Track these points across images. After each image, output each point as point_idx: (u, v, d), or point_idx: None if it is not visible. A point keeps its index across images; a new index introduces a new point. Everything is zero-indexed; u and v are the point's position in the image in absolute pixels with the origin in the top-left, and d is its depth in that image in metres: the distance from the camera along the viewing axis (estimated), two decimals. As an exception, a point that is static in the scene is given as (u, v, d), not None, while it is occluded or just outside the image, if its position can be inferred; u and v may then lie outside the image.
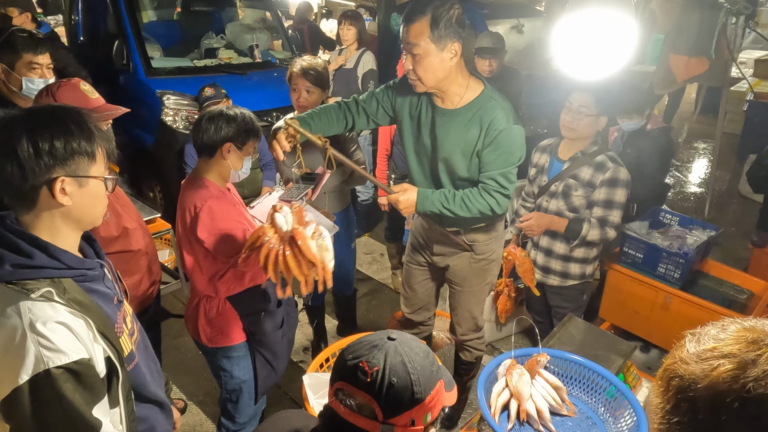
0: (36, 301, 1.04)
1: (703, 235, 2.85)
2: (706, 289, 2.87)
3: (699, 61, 3.19)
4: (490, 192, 1.96)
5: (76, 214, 1.14)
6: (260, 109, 4.19)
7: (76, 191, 1.11)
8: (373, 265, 4.28)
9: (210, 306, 2.02)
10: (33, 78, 2.27)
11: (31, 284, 1.06)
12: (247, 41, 5.01)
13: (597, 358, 1.83)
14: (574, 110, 2.34)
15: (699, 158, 6.82)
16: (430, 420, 0.93)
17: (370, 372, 0.88)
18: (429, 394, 0.91)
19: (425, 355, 0.95)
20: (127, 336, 1.27)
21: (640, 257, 2.80)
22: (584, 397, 1.73)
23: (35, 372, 1.00)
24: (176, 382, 2.95)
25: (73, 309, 1.08)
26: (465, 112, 1.95)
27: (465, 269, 2.30)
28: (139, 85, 4.27)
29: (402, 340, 0.94)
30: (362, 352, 0.92)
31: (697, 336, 0.71)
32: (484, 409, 1.54)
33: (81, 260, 1.16)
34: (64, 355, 1.03)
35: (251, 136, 1.98)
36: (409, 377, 0.89)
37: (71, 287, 1.11)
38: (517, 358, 1.73)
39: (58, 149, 1.07)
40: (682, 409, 0.66)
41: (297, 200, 2.28)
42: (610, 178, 2.34)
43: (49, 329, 1.03)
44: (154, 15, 5.28)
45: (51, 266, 1.09)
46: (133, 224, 2.13)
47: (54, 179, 1.07)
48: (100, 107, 1.99)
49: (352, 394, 0.89)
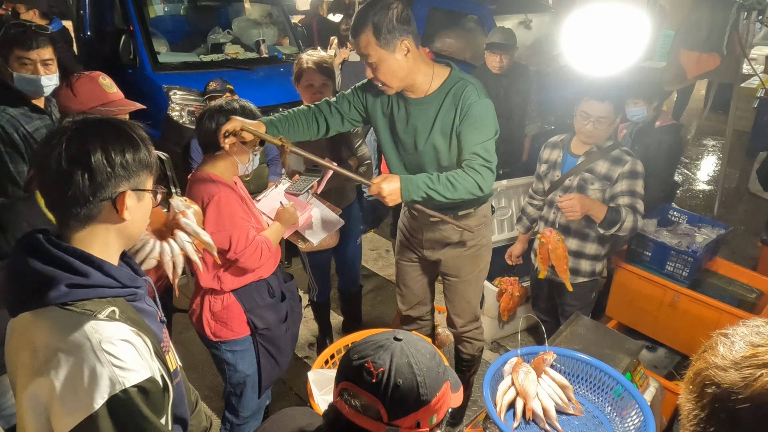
0: (100, 321, 1.00)
1: (712, 233, 2.82)
2: (714, 287, 2.84)
3: (710, 57, 3.15)
4: (474, 167, 1.90)
5: (129, 230, 1.09)
6: (266, 104, 4.18)
7: (135, 205, 1.07)
8: (379, 261, 4.28)
9: (214, 300, 2.02)
10: (23, 74, 2.25)
11: (91, 305, 1.01)
12: (253, 36, 5.00)
13: (604, 356, 1.81)
14: (594, 121, 2.33)
15: (708, 155, 6.76)
16: (435, 422, 0.91)
17: (375, 372, 0.87)
18: (435, 396, 0.90)
19: (432, 356, 0.93)
20: (172, 353, 1.24)
21: (648, 255, 2.78)
22: (591, 396, 1.72)
23: (111, 393, 0.96)
24: (182, 377, 2.96)
25: (132, 327, 1.04)
26: (437, 97, 1.97)
27: (458, 259, 2.28)
28: (145, 80, 4.28)
29: (408, 341, 0.93)
30: (368, 352, 0.90)
31: (729, 338, 0.67)
32: (490, 407, 1.53)
33: (133, 278, 1.11)
34: (136, 373, 0.99)
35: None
36: (415, 378, 0.88)
37: (124, 307, 1.07)
38: (523, 356, 1.72)
39: (129, 162, 1.03)
40: (720, 419, 0.63)
41: (303, 193, 2.28)
42: (630, 170, 2.34)
43: (118, 348, 0.99)
44: (161, 10, 5.28)
45: (106, 285, 1.04)
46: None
47: (121, 193, 1.03)
48: (117, 101, 1.99)
49: (357, 394, 0.88)
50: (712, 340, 0.69)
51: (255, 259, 1.94)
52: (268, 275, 2.09)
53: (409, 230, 2.37)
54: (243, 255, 1.91)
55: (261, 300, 2.07)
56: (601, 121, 2.32)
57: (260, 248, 1.96)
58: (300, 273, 3.27)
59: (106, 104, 1.95)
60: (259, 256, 1.95)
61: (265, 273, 2.07)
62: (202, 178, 1.94)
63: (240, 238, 1.90)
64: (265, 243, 1.98)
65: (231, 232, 1.89)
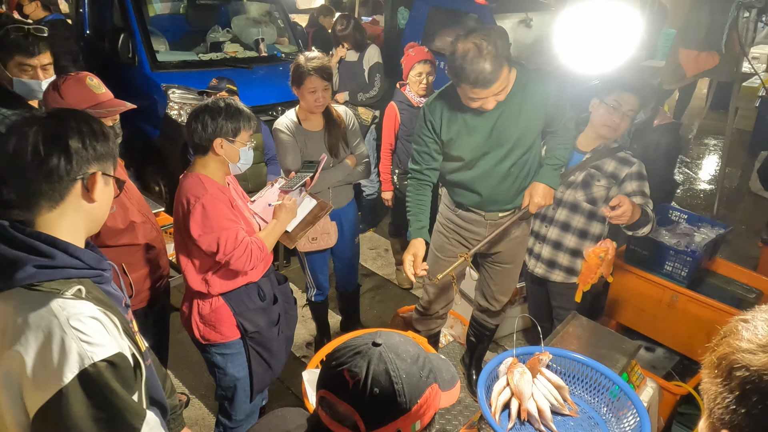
0: (67, 299, 1.03)
1: (711, 233, 2.81)
2: (714, 287, 2.83)
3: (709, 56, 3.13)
4: (570, 127, 2.25)
5: (97, 213, 1.16)
6: (265, 103, 4.19)
7: (102, 189, 1.13)
8: (378, 260, 4.27)
9: (203, 302, 2.00)
10: (23, 79, 2.24)
11: (57, 284, 1.05)
12: (252, 35, 4.99)
13: (600, 357, 1.80)
14: (623, 112, 2.31)
15: (709, 155, 6.74)
16: (419, 428, 0.88)
17: (351, 381, 0.84)
18: (416, 403, 0.86)
19: (414, 360, 0.89)
20: (139, 336, 1.27)
21: (647, 255, 2.77)
22: (587, 397, 1.70)
23: (81, 367, 0.99)
24: (179, 376, 2.96)
25: (99, 306, 1.08)
26: (513, 98, 2.05)
27: (516, 248, 2.43)
28: (144, 78, 4.28)
29: (389, 345, 0.88)
30: (345, 359, 0.87)
31: (750, 323, 0.70)
32: (485, 408, 1.53)
33: (100, 260, 1.16)
34: (104, 348, 1.03)
35: (242, 126, 1.91)
36: (393, 387, 0.84)
37: (91, 287, 1.11)
38: (518, 356, 1.71)
39: (98, 146, 1.11)
40: (751, 400, 0.65)
41: (295, 189, 2.27)
42: (638, 172, 2.34)
43: (86, 324, 1.02)
44: (160, 8, 5.27)
45: (72, 266, 1.08)
46: (141, 218, 2.11)
47: (93, 173, 1.10)
48: (106, 102, 1.95)
49: (334, 403, 0.85)
50: (731, 325, 0.72)
51: (245, 260, 1.91)
52: (258, 278, 2.06)
53: (464, 228, 2.36)
54: (232, 257, 1.88)
55: (251, 303, 2.04)
56: (628, 114, 2.33)
57: (250, 249, 1.91)
58: (298, 272, 3.26)
59: (95, 106, 1.91)
60: (248, 258, 1.91)
61: (254, 276, 2.04)
62: (190, 179, 1.91)
63: (228, 240, 1.87)
64: (255, 244, 1.94)
65: (218, 234, 1.86)
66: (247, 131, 1.94)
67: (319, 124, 2.69)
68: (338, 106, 2.80)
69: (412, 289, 3.89)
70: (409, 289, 3.89)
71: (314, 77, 2.51)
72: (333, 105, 2.74)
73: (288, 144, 2.63)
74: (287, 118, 2.67)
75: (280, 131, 2.64)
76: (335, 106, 2.76)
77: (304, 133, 2.66)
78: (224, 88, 3.26)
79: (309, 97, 2.56)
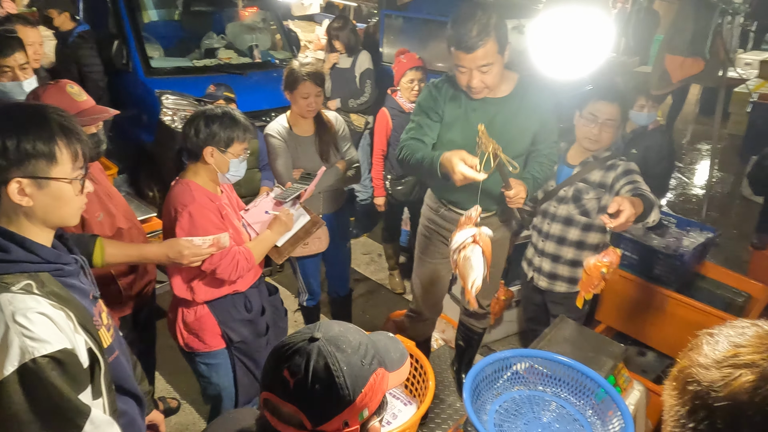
0: (16, 294, 1.05)
1: (700, 237, 2.83)
2: (703, 291, 2.85)
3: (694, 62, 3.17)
4: (554, 158, 2.28)
5: (40, 215, 1.13)
6: (259, 108, 4.20)
7: (35, 192, 1.10)
8: (371, 265, 4.28)
9: (187, 310, 1.99)
10: (4, 82, 2.24)
11: (9, 278, 1.07)
12: (246, 41, 5.02)
13: (587, 360, 1.81)
14: (601, 123, 2.25)
15: (702, 160, 6.78)
16: (367, 415, 0.87)
17: (292, 381, 0.83)
18: (360, 393, 0.85)
19: (354, 349, 0.87)
20: (104, 330, 1.28)
21: (636, 259, 2.78)
22: (573, 400, 1.71)
23: (21, 362, 1.01)
24: (170, 381, 2.95)
25: (52, 301, 1.09)
26: (512, 99, 2.12)
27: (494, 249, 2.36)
28: (138, 85, 4.29)
29: (327, 338, 0.86)
30: (284, 358, 0.86)
31: (714, 338, 0.69)
32: (470, 412, 1.53)
33: (58, 254, 1.17)
34: (48, 344, 1.04)
35: (236, 137, 1.88)
36: (334, 381, 0.83)
37: (48, 281, 1.12)
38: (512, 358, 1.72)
39: (10, 150, 1.05)
40: (699, 416, 0.64)
41: (288, 200, 2.26)
42: (624, 170, 2.26)
43: (31, 320, 1.04)
44: (154, 15, 5.29)
45: (28, 260, 1.10)
46: (127, 224, 2.12)
47: (9, 180, 1.07)
48: (88, 110, 1.92)
49: (277, 405, 0.85)
50: (698, 338, 0.71)
51: (231, 270, 1.88)
52: (245, 289, 2.03)
53: (445, 228, 2.35)
54: (219, 266, 1.86)
55: (237, 314, 2.01)
56: (608, 123, 2.24)
57: (236, 260, 1.89)
58: (290, 277, 3.27)
59: (76, 114, 1.86)
60: (235, 268, 1.89)
61: (241, 287, 2.02)
62: (179, 186, 1.91)
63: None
64: (242, 254, 1.92)
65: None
66: (241, 143, 1.90)
67: (309, 129, 2.70)
68: (329, 112, 2.82)
69: (404, 294, 3.90)
70: (401, 294, 3.90)
71: (308, 83, 2.53)
72: (323, 110, 2.76)
73: (279, 149, 2.65)
74: (278, 123, 2.69)
75: (271, 136, 2.65)
76: (326, 112, 2.78)
77: (294, 138, 2.67)
78: (222, 96, 3.25)
79: (301, 102, 2.57)
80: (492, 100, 2.11)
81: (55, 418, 1.06)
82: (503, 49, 1.99)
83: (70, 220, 1.19)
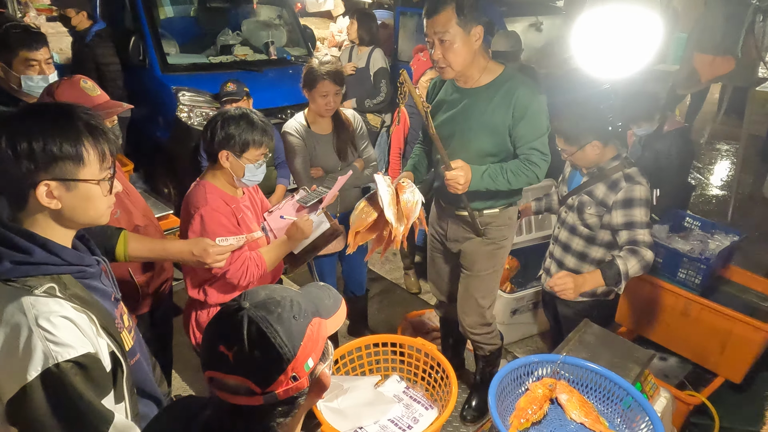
0: (39, 297, 1.04)
1: (725, 240, 2.77)
2: (728, 296, 2.78)
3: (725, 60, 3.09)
4: (534, 161, 2.08)
5: (69, 216, 1.12)
6: (275, 106, 4.19)
7: (64, 194, 1.08)
8: (386, 264, 4.25)
9: (200, 311, 1.98)
10: (31, 75, 2.22)
11: (32, 281, 1.05)
12: (262, 38, 5.00)
13: (613, 365, 1.77)
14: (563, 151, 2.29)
15: (722, 160, 6.66)
16: (313, 364, 0.90)
17: (230, 354, 0.84)
18: (300, 345, 0.87)
19: (285, 307, 0.88)
20: (126, 332, 1.27)
21: (660, 262, 2.72)
22: (600, 407, 1.67)
23: (45, 367, 1.00)
24: (185, 379, 2.95)
25: (75, 304, 1.08)
26: (487, 90, 2.07)
27: (475, 251, 2.35)
28: (154, 81, 4.29)
29: (255, 304, 0.88)
30: (217, 334, 0.88)
31: None
32: (495, 417, 1.50)
33: (80, 256, 1.16)
34: (72, 348, 1.03)
35: (252, 143, 1.83)
36: (270, 343, 0.84)
37: (71, 283, 1.10)
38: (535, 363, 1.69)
39: (37, 153, 1.03)
40: None
41: (310, 204, 2.21)
42: (623, 200, 2.18)
43: (54, 324, 1.02)
44: (171, 11, 5.30)
45: (50, 262, 1.08)
46: (145, 221, 2.11)
47: (37, 183, 1.05)
48: (102, 104, 1.92)
49: (223, 380, 0.86)
50: None
51: (240, 275, 1.86)
52: None
53: (438, 222, 2.46)
54: (228, 270, 1.84)
55: None
56: (564, 151, 2.28)
57: (246, 265, 1.87)
58: (306, 276, 3.25)
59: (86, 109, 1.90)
60: (244, 273, 1.86)
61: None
62: (196, 188, 1.90)
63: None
64: (253, 260, 1.89)
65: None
66: (258, 149, 1.85)
67: (327, 128, 2.68)
68: (346, 110, 2.79)
69: (420, 294, 3.86)
70: (417, 294, 3.87)
71: (327, 82, 2.50)
72: (341, 109, 2.73)
73: (297, 147, 2.62)
74: (296, 121, 2.67)
75: (289, 134, 2.63)
76: (344, 110, 2.75)
77: (313, 137, 2.65)
78: (243, 94, 3.20)
79: (320, 101, 2.54)
80: (466, 89, 2.11)
81: (78, 423, 1.04)
82: (467, 26, 1.93)
83: (99, 220, 1.18)
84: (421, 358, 1.91)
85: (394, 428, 1.75)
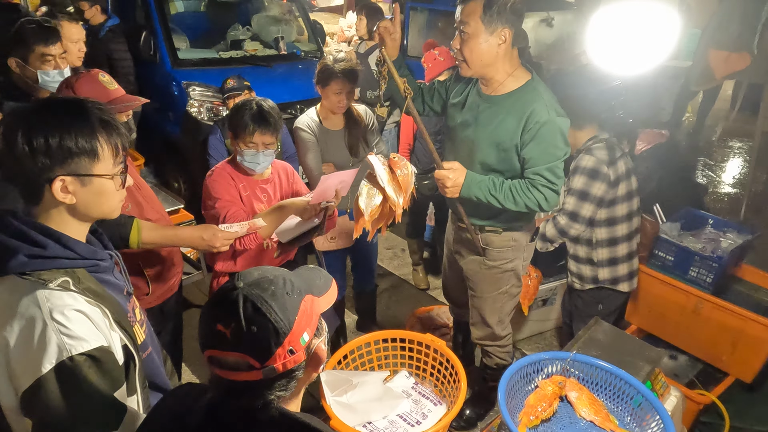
0: (53, 291, 1.05)
1: (738, 238, 2.74)
2: (740, 294, 2.76)
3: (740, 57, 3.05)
4: (537, 187, 1.91)
5: (83, 210, 1.13)
6: (284, 101, 4.19)
7: (79, 189, 1.09)
8: (394, 260, 4.25)
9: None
10: (47, 70, 2.25)
11: (46, 275, 1.06)
12: (272, 33, 5.00)
13: (623, 363, 1.76)
14: None
15: (734, 158, 6.58)
16: (309, 338, 0.92)
17: (228, 331, 0.87)
18: (295, 320, 0.90)
19: (278, 285, 0.92)
20: (138, 326, 1.28)
21: (671, 260, 2.71)
22: (610, 405, 1.67)
23: (59, 360, 1.01)
24: (195, 373, 2.97)
25: (88, 298, 1.09)
26: (504, 101, 1.95)
27: (476, 273, 2.29)
28: (165, 76, 4.31)
29: (249, 283, 0.91)
30: (213, 314, 0.90)
31: None
32: (505, 413, 1.50)
33: (94, 250, 1.16)
34: (86, 342, 1.04)
35: (242, 130, 1.98)
36: (266, 318, 0.87)
37: (85, 277, 1.11)
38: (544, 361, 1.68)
39: (53, 148, 1.04)
40: None
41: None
42: (572, 168, 2.31)
43: (68, 317, 1.03)
44: (181, 6, 5.31)
45: (65, 256, 1.09)
46: (156, 215, 2.12)
47: (53, 178, 1.06)
48: (118, 98, 1.95)
49: (222, 358, 0.89)
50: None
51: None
52: None
53: (449, 229, 2.45)
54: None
55: None
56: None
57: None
58: (315, 271, 3.25)
59: (108, 102, 1.90)
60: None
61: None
62: None
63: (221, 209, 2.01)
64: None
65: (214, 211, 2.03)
66: (249, 135, 1.99)
67: (339, 124, 2.68)
68: (358, 106, 2.78)
69: (428, 290, 3.86)
70: (425, 290, 3.87)
71: (341, 80, 2.50)
72: (353, 104, 2.73)
73: (309, 143, 2.63)
74: (308, 116, 2.67)
75: (302, 130, 2.63)
76: (356, 106, 2.75)
77: (325, 132, 2.65)
78: (244, 88, 3.24)
79: (333, 98, 2.55)
80: (487, 96, 2.00)
81: (92, 416, 1.05)
82: (492, 24, 1.81)
83: (111, 214, 1.19)
84: (431, 354, 1.91)
85: (402, 423, 1.75)
